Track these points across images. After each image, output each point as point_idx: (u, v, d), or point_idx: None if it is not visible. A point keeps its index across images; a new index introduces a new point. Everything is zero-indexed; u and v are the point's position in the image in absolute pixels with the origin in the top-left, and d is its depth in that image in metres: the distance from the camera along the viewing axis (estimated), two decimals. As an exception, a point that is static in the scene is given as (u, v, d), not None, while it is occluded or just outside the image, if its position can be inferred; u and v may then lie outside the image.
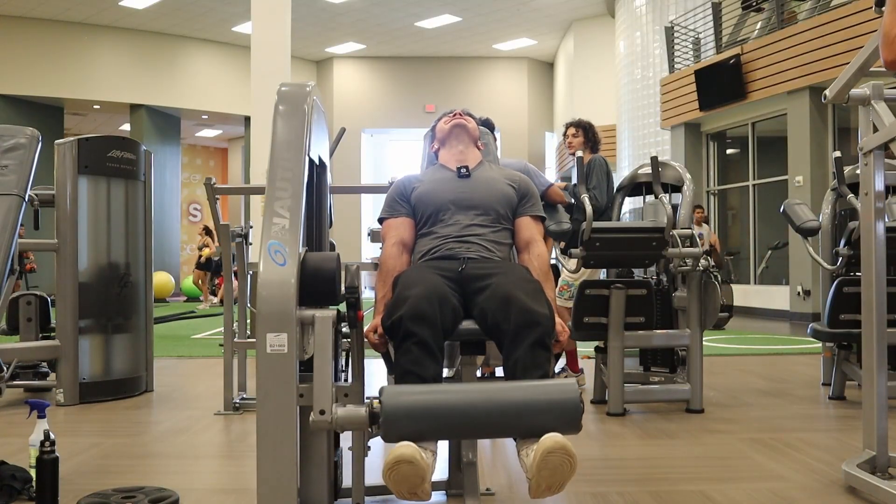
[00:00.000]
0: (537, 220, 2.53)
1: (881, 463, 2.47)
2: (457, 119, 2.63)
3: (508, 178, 2.55)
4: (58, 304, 4.16)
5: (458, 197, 2.46)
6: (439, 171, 2.58)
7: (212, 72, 17.13)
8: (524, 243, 2.47)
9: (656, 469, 2.86)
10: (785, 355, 6.27)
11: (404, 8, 15.03)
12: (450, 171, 2.54)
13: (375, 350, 2.20)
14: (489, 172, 2.57)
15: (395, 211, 2.50)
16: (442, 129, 2.65)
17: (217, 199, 3.89)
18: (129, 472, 2.83)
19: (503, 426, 1.87)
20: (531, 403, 1.83)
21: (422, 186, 2.52)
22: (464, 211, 2.43)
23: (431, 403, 1.83)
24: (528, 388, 1.88)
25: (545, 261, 2.42)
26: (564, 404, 1.83)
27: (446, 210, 2.44)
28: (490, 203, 2.46)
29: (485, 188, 2.49)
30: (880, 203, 2.48)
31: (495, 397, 1.85)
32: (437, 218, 2.45)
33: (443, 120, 2.68)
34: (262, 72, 9.01)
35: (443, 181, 2.52)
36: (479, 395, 1.86)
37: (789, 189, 9.71)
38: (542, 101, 18.58)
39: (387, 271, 2.35)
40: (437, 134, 2.67)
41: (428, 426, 1.81)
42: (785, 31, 9.66)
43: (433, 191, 2.48)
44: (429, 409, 1.82)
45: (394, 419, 1.79)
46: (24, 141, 2.84)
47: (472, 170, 2.55)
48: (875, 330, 2.47)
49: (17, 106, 15.00)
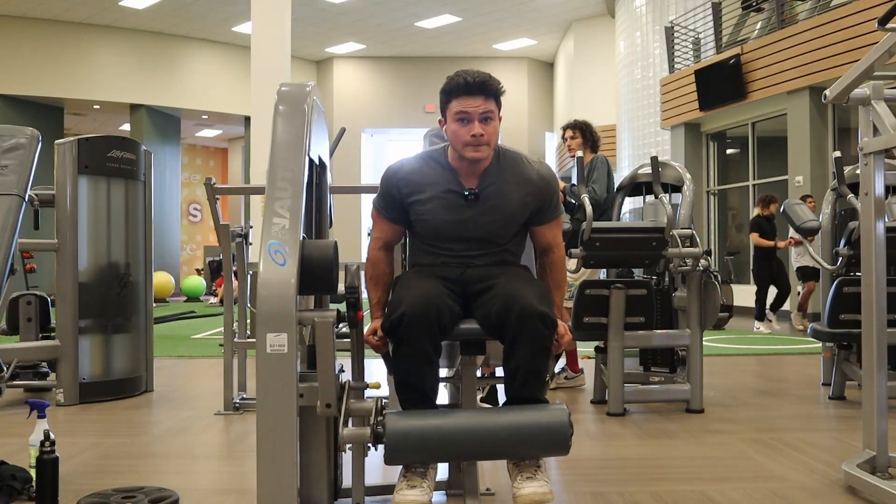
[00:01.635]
0: (557, 223, 2.34)
1: (881, 463, 2.47)
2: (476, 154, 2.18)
3: (525, 186, 2.25)
4: (58, 304, 4.16)
5: (461, 227, 2.23)
6: (444, 181, 2.24)
7: (212, 72, 17.13)
8: (543, 248, 2.35)
9: (656, 469, 2.85)
10: (785, 355, 6.27)
11: (404, 8, 15.03)
12: (455, 189, 2.23)
13: (376, 351, 2.20)
14: (502, 184, 2.23)
15: (387, 212, 2.29)
16: (455, 140, 2.19)
17: (217, 199, 3.89)
18: (129, 472, 2.83)
19: (498, 451, 2.05)
20: (524, 429, 1.99)
21: (422, 203, 2.23)
22: (465, 241, 2.25)
23: (431, 430, 1.97)
24: (521, 415, 2.03)
25: (560, 269, 2.34)
26: (555, 428, 1.99)
27: (447, 240, 2.26)
28: (496, 232, 2.25)
29: (493, 213, 2.23)
30: (880, 203, 2.48)
31: (490, 424, 2.01)
32: (435, 244, 2.28)
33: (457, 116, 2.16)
34: (262, 72, 9.01)
35: (447, 205, 2.22)
36: (475, 421, 2.02)
37: (789, 189, 9.71)
38: (542, 101, 18.57)
39: (377, 275, 2.29)
40: (449, 129, 2.20)
41: (427, 452, 1.99)
42: (785, 31, 9.66)
43: (434, 217, 2.23)
44: (429, 436, 1.97)
45: (396, 446, 1.94)
46: (24, 141, 2.84)
47: (482, 184, 2.23)
48: (875, 330, 2.47)
49: (17, 106, 14.99)
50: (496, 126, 2.19)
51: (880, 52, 2.38)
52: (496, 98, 2.18)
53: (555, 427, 1.98)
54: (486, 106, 2.15)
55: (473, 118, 2.14)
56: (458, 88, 2.17)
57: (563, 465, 2.85)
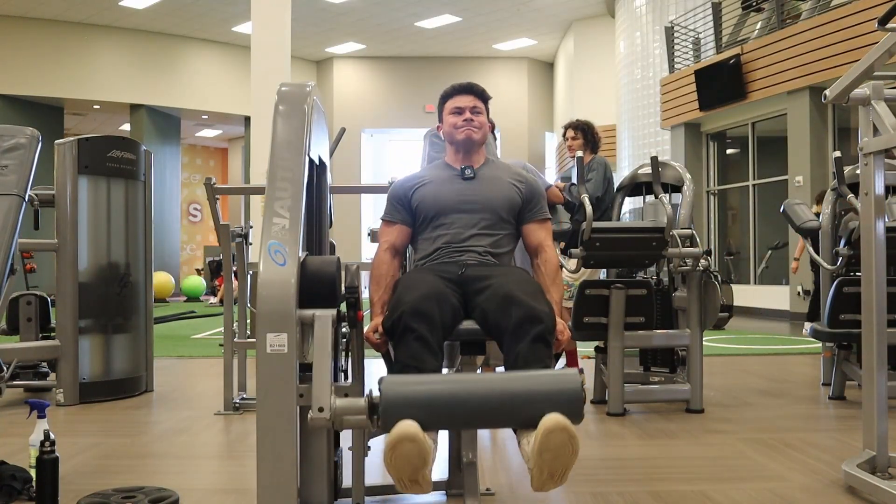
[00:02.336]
0: (545, 223, 2.51)
1: (881, 463, 2.47)
2: (469, 132, 2.48)
3: (514, 178, 2.51)
4: (58, 304, 4.16)
5: (461, 199, 2.43)
6: (443, 170, 2.54)
7: (212, 72, 17.13)
8: (533, 249, 2.48)
9: (656, 469, 2.86)
10: (785, 355, 6.27)
11: (404, 8, 15.03)
12: (454, 171, 2.51)
13: (376, 350, 2.21)
14: (495, 171, 2.52)
15: (392, 216, 2.49)
16: (450, 130, 2.51)
17: (217, 199, 3.90)
18: (129, 472, 2.83)
19: (504, 415, 1.84)
20: (532, 392, 1.80)
21: (424, 187, 2.48)
22: (466, 214, 2.42)
23: (431, 392, 1.80)
24: (530, 376, 1.86)
25: (553, 266, 2.42)
26: (566, 392, 1.79)
27: (448, 213, 2.43)
28: (493, 207, 2.43)
29: (489, 190, 2.45)
30: (880, 203, 2.48)
31: (496, 386, 1.82)
32: (438, 221, 2.43)
33: (451, 111, 2.51)
34: (262, 72, 9.02)
35: (446, 181, 2.48)
36: (479, 384, 1.84)
37: (789, 189, 9.71)
38: (542, 101, 18.57)
39: (380, 275, 2.38)
40: (445, 126, 2.53)
41: (428, 415, 1.76)
42: (785, 31, 9.66)
43: (436, 192, 2.45)
44: (428, 397, 1.79)
45: (393, 408, 1.75)
46: (24, 141, 2.84)
47: (478, 169, 2.51)
48: (875, 330, 2.47)
49: (17, 106, 15.00)
50: (484, 119, 2.53)
51: (880, 52, 2.39)
52: (483, 99, 2.54)
53: (567, 392, 1.79)
54: (476, 102, 2.52)
55: (465, 110, 2.50)
56: (451, 91, 2.55)
57: (563, 465, 2.85)
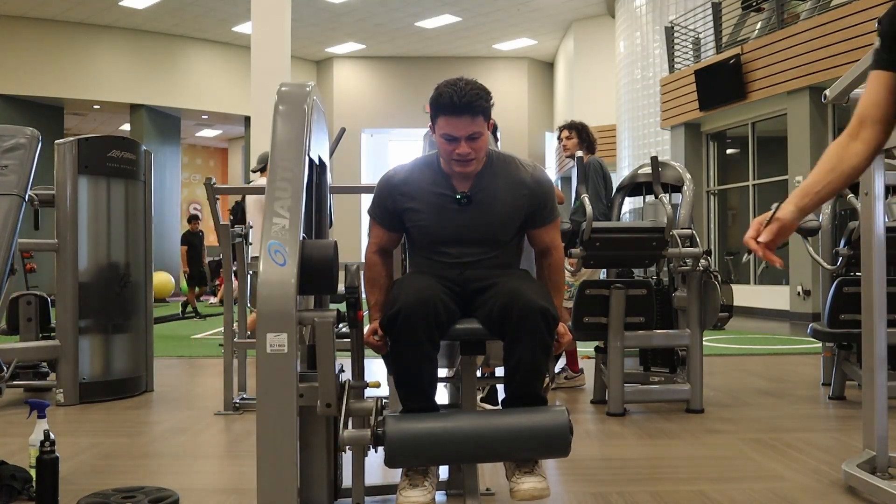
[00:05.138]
0: (554, 223, 2.34)
1: (881, 463, 2.47)
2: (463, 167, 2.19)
3: (518, 188, 2.24)
4: (58, 304, 4.16)
5: (458, 231, 2.23)
6: (435, 187, 2.24)
7: (212, 72, 17.12)
8: (540, 251, 2.36)
9: (656, 469, 2.86)
10: (785, 355, 6.27)
11: (404, 8, 15.03)
12: (446, 196, 2.23)
13: (376, 352, 2.21)
14: (493, 182, 2.23)
15: (382, 221, 2.30)
16: (443, 153, 2.19)
17: (217, 199, 3.90)
18: (129, 472, 2.83)
19: (498, 454, 2.05)
20: (524, 432, 1.99)
21: (416, 213, 2.24)
22: (465, 246, 2.25)
23: (431, 434, 1.97)
24: (521, 417, 2.03)
25: (559, 270, 2.35)
26: (555, 430, 1.99)
27: (447, 243, 2.26)
28: (493, 233, 2.25)
29: (488, 213, 2.22)
30: (880, 203, 2.48)
31: (490, 427, 2.00)
32: (435, 248, 2.27)
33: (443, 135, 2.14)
34: (262, 72, 9.01)
35: (441, 210, 2.22)
36: (474, 425, 2.01)
37: (789, 189, 9.70)
38: (542, 102, 18.57)
39: (373, 278, 2.30)
40: (437, 141, 2.19)
41: (427, 455, 1.99)
42: (785, 31, 9.66)
43: (429, 224, 2.23)
44: (428, 440, 1.96)
45: (396, 449, 1.93)
46: (24, 141, 2.84)
47: (474, 188, 2.22)
48: (875, 330, 2.47)
49: (17, 106, 14.99)
50: (484, 139, 2.17)
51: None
52: (484, 114, 2.14)
53: (555, 430, 1.99)
54: (473, 127, 2.11)
55: (460, 140, 2.12)
56: (444, 108, 2.12)
57: (563, 465, 2.85)
